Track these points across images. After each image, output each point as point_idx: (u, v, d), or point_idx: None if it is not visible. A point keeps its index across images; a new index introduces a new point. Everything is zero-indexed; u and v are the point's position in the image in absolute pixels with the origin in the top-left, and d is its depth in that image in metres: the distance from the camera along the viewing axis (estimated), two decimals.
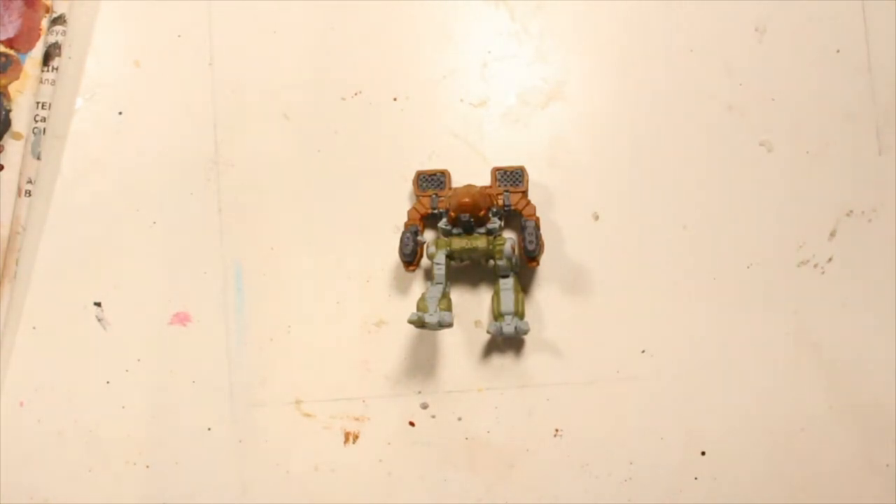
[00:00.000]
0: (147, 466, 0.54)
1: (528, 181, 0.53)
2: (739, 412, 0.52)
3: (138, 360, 0.54)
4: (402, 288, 0.54)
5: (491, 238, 0.52)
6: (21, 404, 0.54)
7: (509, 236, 0.53)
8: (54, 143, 0.56)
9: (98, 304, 0.55)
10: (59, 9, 0.57)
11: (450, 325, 0.49)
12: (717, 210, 0.54)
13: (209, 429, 0.54)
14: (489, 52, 0.56)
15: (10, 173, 0.56)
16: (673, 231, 0.54)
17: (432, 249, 0.51)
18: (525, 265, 0.52)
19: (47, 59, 0.56)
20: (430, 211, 0.53)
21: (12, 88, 0.57)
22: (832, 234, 0.53)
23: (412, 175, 0.54)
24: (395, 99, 0.56)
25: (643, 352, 0.53)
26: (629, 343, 0.53)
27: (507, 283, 0.52)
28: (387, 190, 0.55)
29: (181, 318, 0.55)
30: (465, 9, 0.56)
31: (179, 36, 0.57)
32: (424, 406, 0.53)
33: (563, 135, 0.55)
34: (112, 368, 0.54)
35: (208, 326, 0.54)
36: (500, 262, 0.51)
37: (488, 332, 0.52)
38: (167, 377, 0.54)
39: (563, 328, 0.53)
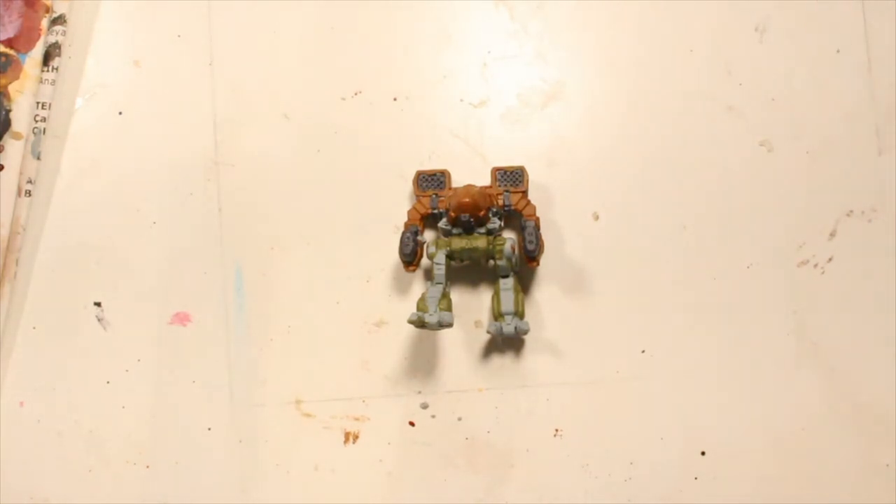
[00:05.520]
0: (147, 466, 0.54)
1: (528, 181, 0.53)
2: (739, 412, 0.52)
3: (138, 360, 0.54)
4: (402, 288, 0.54)
5: (491, 238, 0.51)
6: (21, 404, 0.54)
7: (509, 236, 0.53)
8: (54, 143, 0.56)
9: (98, 304, 0.55)
10: (59, 9, 0.57)
11: (450, 325, 0.49)
12: (717, 210, 0.54)
13: (209, 429, 0.54)
14: (489, 52, 0.56)
15: (10, 173, 0.56)
16: (673, 231, 0.54)
17: (432, 249, 0.51)
18: (525, 265, 0.52)
19: (47, 59, 0.56)
20: (430, 211, 0.53)
21: (12, 88, 0.57)
22: (832, 234, 0.53)
23: (412, 175, 0.54)
24: (395, 99, 0.56)
25: (643, 352, 0.53)
26: (629, 343, 0.53)
27: (507, 283, 0.52)
28: (387, 190, 0.55)
29: (181, 318, 0.55)
30: (465, 9, 0.56)
31: (179, 36, 0.57)
32: (424, 406, 0.53)
33: (563, 135, 0.55)
34: (112, 368, 0.54)
35: (208, 326, 0.54)
36: (500, 262, 0.51)
37: (488, 332, 0.52)
38: (167, 377, 0.54)
39: (563, 328, 0.53)
